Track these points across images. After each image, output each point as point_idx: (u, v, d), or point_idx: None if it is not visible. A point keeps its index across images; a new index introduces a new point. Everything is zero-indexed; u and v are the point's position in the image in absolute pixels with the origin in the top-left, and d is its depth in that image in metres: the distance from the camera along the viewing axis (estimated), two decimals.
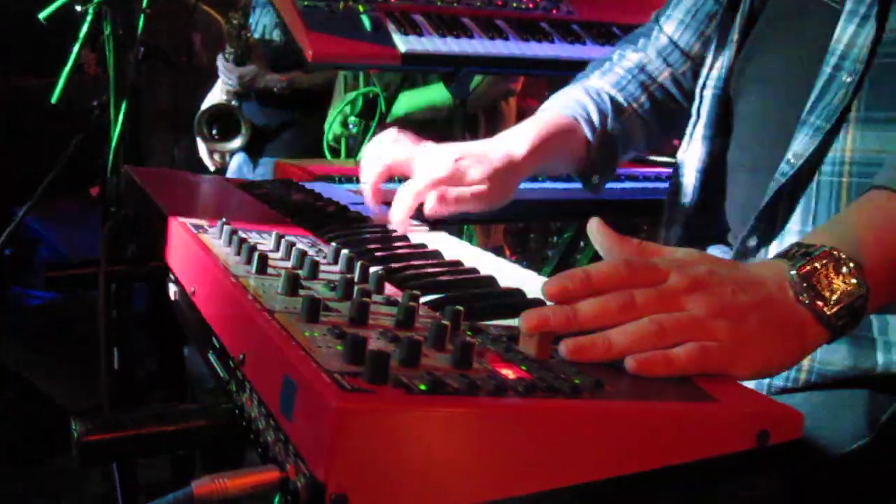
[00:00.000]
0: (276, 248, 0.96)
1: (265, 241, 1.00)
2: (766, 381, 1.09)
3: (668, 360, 0.72)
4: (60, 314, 3.75)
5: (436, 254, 1.05)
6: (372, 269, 0.89)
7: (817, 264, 0.79)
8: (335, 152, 2.82)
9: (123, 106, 2.21)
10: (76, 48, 2.41)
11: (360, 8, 2.09)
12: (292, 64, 3.31)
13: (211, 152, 3.46)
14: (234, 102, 3.38)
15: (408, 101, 2.63)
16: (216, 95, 3.47)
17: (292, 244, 0.94)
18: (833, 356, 1.04)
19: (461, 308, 0.75)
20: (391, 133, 1.33)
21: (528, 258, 4.05)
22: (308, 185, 1.61)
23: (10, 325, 3.75)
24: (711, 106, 1.30)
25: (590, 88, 1.44)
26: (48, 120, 4.10)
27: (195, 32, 5.12)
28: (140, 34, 2.27)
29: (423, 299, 0.84)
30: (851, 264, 0.79)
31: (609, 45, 2.30)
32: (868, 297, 0.79)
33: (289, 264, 0.90)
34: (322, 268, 0.89)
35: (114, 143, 2.22)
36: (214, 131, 3.43)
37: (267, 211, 1.27)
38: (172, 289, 1.03)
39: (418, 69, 2.36)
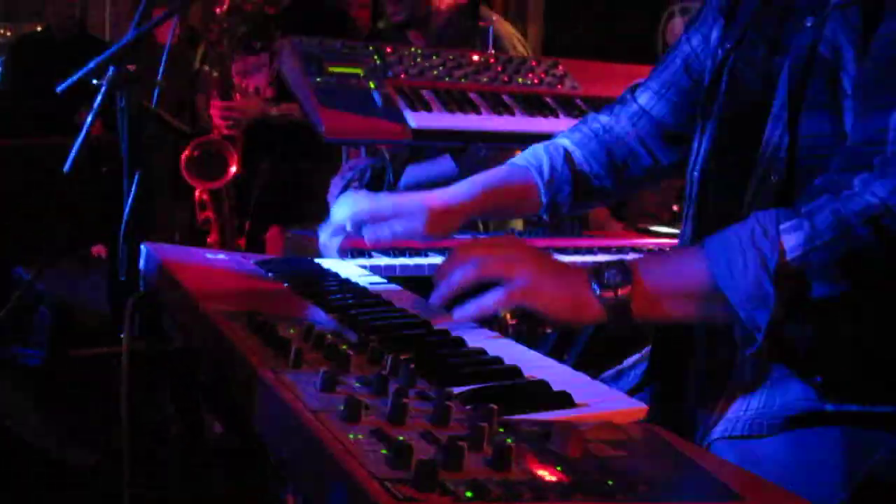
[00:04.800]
0: (307, 339, 0.99)
1: (293, 330, 1.02)
2: (728, 429, 1.21)
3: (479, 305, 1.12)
4: (57, 373, 3.75)
5: (459, 341, 1.08)
6: (400, 358, 0.92)
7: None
8: None
9: (136, 178, 2.25)
10: (89, 119, 2.45)
11: (371, 84, 2.15)
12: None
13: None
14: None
15: (410, 175, 2.68)
16: None
17: (322, 336, 0.97)
18: (788, 398, 1.18)
19: (494, 406, 0.78)
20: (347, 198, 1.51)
21: (526, 321, 4.07)
22: (317, 260, 1.64)
23: (8, 384, 3.74)
24: (696, 189, 1.42)
25: (550, 144, 1.63)
26: (49, 181, 4.16)
27: (199, 94, 5.22)
28: (156, 106, 2.32)
29: (454, 390, 0.87)
30: (625, 265, 1.12)
31: None
32: (634, 288, 1.10)
33: (320, 355, 0.93)
34: (352, 359, 0.91)
35: (126, 215, 2.26)
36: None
37: (288, 294, 1.30)
38: (204, 375, 1.05)
39: (429, 144, 2.41)
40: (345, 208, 1.47)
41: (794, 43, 1.23)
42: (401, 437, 0.69)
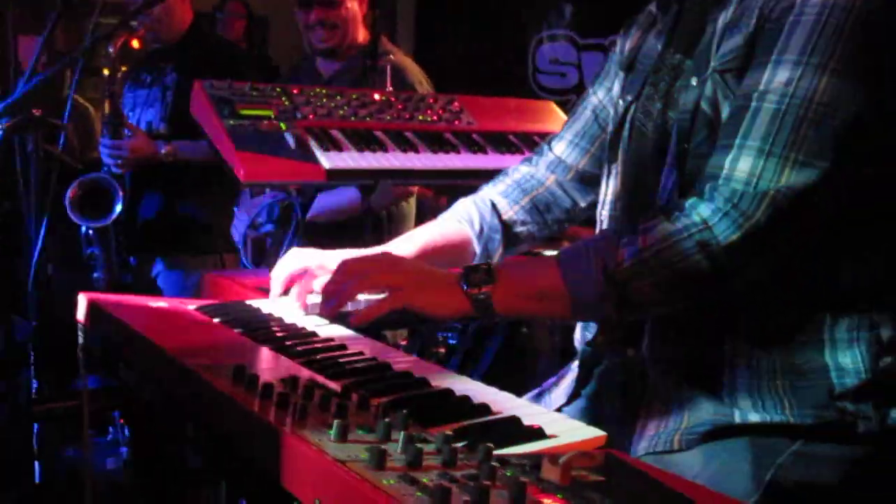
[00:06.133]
0: (294, 390, 1.07)
1: (277, 381, 1.10)
2: (651, 445, 1.39)
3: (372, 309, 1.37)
4: None
5: (425, 382, 1.19)
6: (386, 404, 1.02)
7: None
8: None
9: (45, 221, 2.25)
10: None
11: (283, 126, 2.22)
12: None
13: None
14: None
15: (317, 204, 2.76)
16: None
17: (310, 388, 1.06)
18: (699, 415, 1.36)
19: (490, 444, 0.90)
20: (295, 250, 1.64)
21: (421, 340, 4.20)
22: (249, 301, 1.71)
23: None
24: (607, 227, 1.61)
25: (477, 197, 1.81)
26: None
27: (69, 123, 5.09)
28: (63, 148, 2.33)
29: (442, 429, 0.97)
30: (490, 267, 1.34)
31: (508, 152, 2.52)
32: (494, 286, 1.32)
33: (315, 406, 1.02)
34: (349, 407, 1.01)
35: (35, 259, 2.26)
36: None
37: (247, 342, 1.37)
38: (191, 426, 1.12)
39: (342, 183, 2.49)
40: (293, 260, 1.59)
41: (682, 99, 1.42)
42: (425, 479, 0.80)
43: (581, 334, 1.64)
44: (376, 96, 2.51)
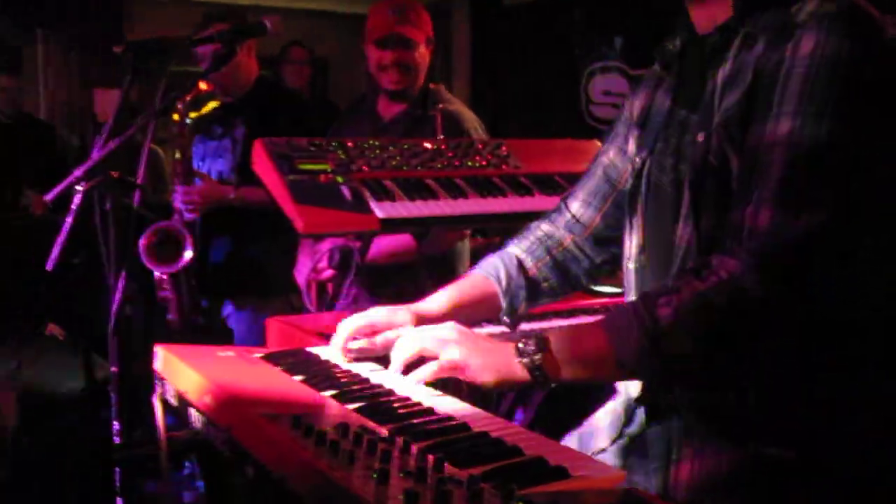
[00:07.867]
0: (345, 436, 1.20)
1: (331, 429, 1.23)
2: (685, 487, 1.46)
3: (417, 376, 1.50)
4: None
5: (465, 426, 1.31)
6: (425, 448, 1.15)
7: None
8: None
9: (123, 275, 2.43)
10: (69, 220, 2.62)
11: (339, 179, 2.37)
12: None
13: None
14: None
15: (374, 245, 2.90)
16: None
17: (360, 435, 1.18)
18: (728, 457, 1.44)
19: (515, 486, 1.01)
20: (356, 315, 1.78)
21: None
22: (314, 350, 1.85)
23: None
24: (633, 278, 1.71)
25: (504, 253, 1.94)
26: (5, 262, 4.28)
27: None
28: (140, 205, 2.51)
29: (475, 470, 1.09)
30: (541, 337, 1.44)
31: (555, 193, 2.62)
32: (545, 355, 1.43)
33: (363, 451, 1.14)
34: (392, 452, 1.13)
35: (114, 311, 2.43)
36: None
37: (306, 389, 1.51)
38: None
39: (395, 231, 2.63)
40: (347, 323, 1.75)
41: (691, 155, 1.52)
42: None
43: None
44: (427, 145, 2.64)
